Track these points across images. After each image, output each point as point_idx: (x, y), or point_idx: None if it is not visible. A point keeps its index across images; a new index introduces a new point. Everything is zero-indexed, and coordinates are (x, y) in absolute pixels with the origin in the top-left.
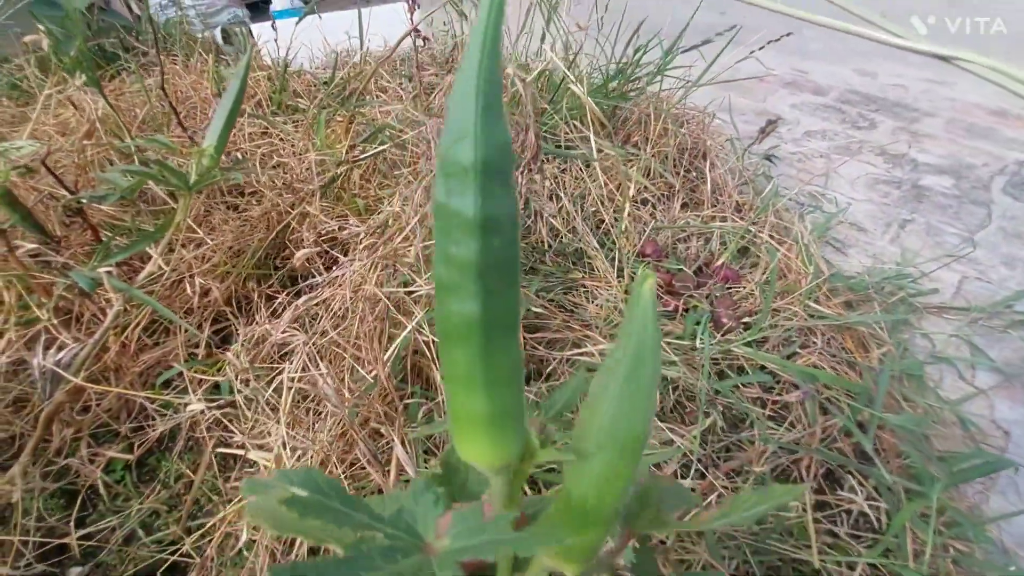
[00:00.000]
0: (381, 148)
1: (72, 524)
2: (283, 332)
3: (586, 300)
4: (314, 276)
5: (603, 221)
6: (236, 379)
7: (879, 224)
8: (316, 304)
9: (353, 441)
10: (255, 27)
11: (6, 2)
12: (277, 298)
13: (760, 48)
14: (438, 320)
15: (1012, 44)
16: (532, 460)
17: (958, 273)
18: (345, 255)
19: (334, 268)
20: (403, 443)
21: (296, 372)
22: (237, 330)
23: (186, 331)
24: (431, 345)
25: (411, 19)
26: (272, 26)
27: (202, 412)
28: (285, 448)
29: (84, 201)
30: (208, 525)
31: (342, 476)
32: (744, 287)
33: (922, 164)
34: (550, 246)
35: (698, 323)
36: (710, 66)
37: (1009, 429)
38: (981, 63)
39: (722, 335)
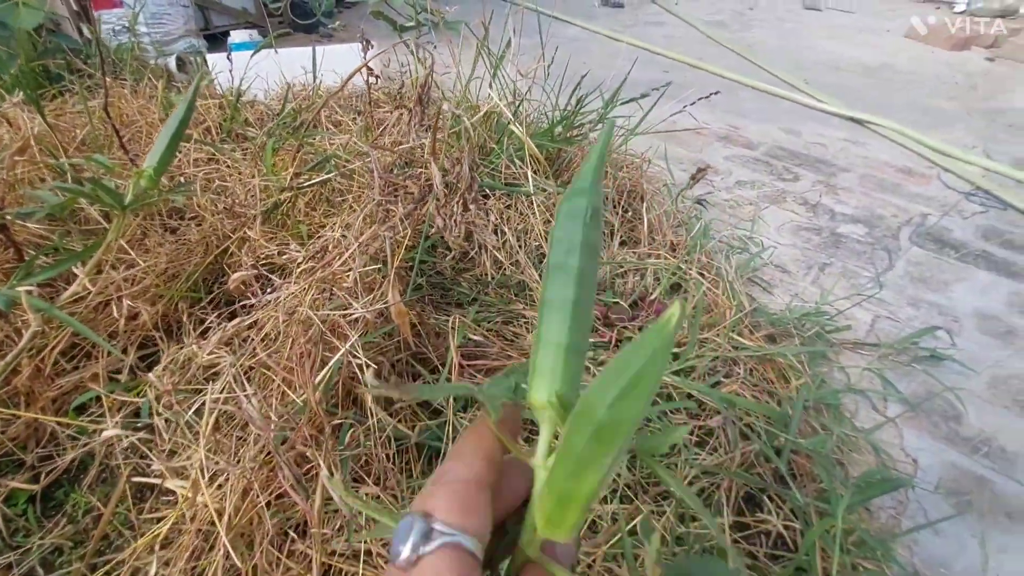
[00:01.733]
0: (327, 176)
1: None
2: (210, 353)
3: (525, 331)
4: (252, 299)
5: (545, 255)
6: (157, 401)
7: (801, 266)
8: (248, 327)
9: (278, 466)
10: (211, 57)
11: None
12: (208, 320)
13: (692, 104)
14: (545, 298)
15: (917, 111)
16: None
17: (870, 312)
18: (279, 280)
19: (268, 289)
20: (330, 468)
21: (220, 393)
22: (165, 356)
23: (109, 354)
24: (364, 369)
25: (364, 56)
26: (228, 56)
27: (118, 437)
28: (204, 475)
29: (9, 218)
30: (116, 560)
31: (264, 505)
32: None
33: (839, 214)
34: (493, 278)
35: None
36: (645, 116)
37: (916, 457)
38: (889, 127)
39: None
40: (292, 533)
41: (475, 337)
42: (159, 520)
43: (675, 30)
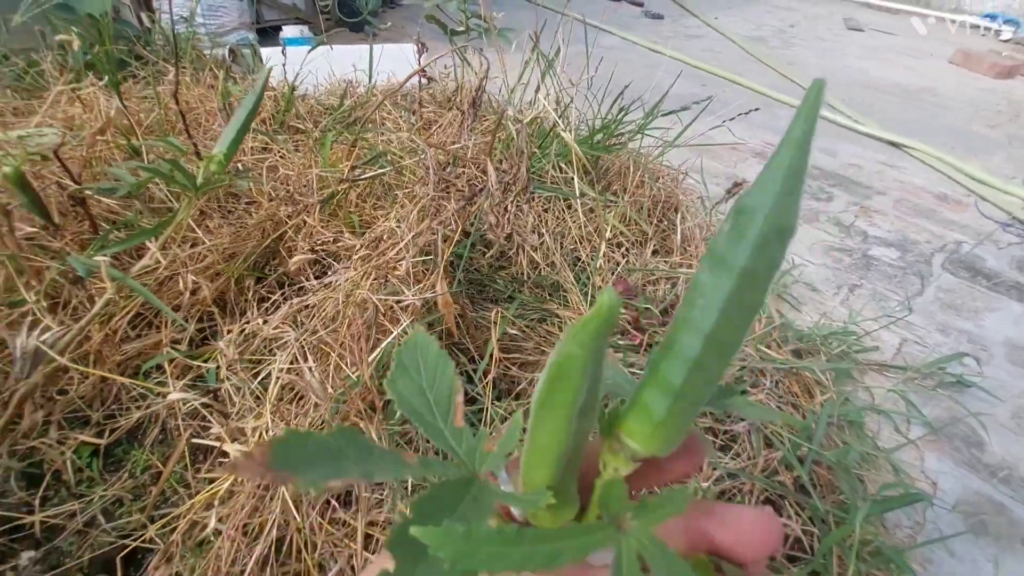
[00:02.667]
0: (381, 172)
1: (37, 504)
2: (275, 328)
3: (558, 329)
4: (304, 282)
5: (580, 258)
6: (225, 368)
7: (831, 286)
8: (308, 306)
9: None
10: (264, 51)
11: (33, 2)
12: (266, 299)
13: (731, 119)
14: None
15: (956, 137)
16: None
17: (898, 336)
18: (338, 264)
19: (329, 273)
20: (379, 439)
21: (285, 364)
22: (222, 330)
23: (174, 323)
24: None
25: (419, 60)
26: (282, 51)
27: (182, 401)
28: (266, 436)
29: (89, 192)
30: (173, 515)
31: None
32: None
33: (872, 236)
34: (529, 277)
35: None
36: (685, 129)
37: (936, 479)
38: (927, 152)
39: None
40: (334, 502)
41: (512, 331)
42: (212, 481)
43: (714, 44)
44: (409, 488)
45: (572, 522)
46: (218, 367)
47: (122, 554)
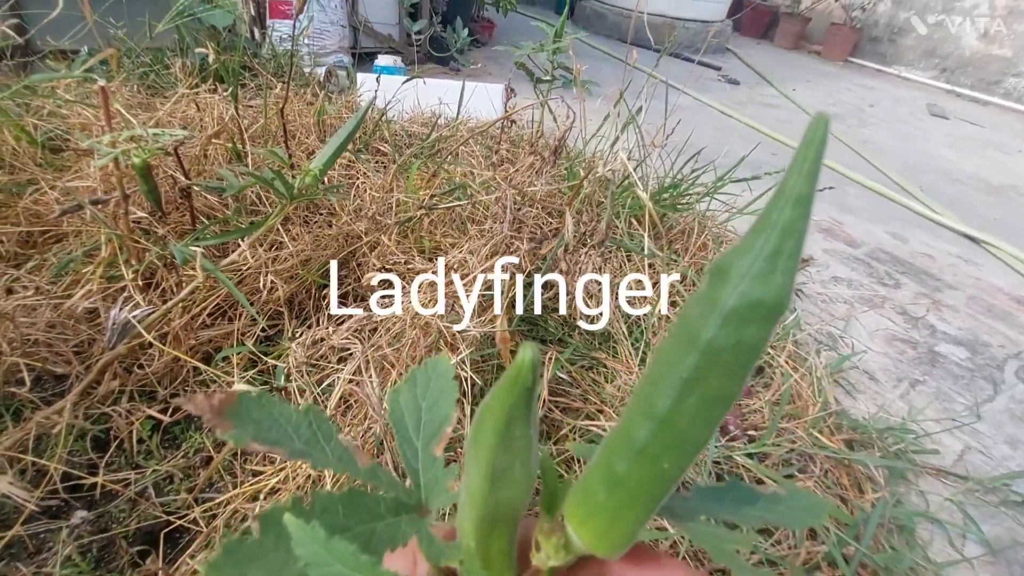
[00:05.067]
0: (459, 203)
1: (102, 467)
2: (343, 339)
3: (605, 380)
4: (371, 295)
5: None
6: (294, 369)
7: (891, 378)
8: (374, 321)
9: (383, 451)
10: (360, 75)
11: (177, 14)
12: (331, 307)
13: None
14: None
15: None
16: None
17: (961, 442)
18: (406, 285)
19: (403, 292)
20: None
21: (349, 375)
22: (287, 330)
23: (247, 317)
24: (468, 381)
25: (505, 106)
26: (377, 79)
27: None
28: None
29: (197, 188)
30: (217, 501)
31: None
32: (754, 403)
33: (940, 332)
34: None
35: None
36: (758, 198)
37: None
38: (1009, 251)
39: (727, 441)
40: None
41: (561, 374)
42: (258, 475)
43: (788, 115)
44: None
45: None
46: (287, 367)
47: (165, 530)
